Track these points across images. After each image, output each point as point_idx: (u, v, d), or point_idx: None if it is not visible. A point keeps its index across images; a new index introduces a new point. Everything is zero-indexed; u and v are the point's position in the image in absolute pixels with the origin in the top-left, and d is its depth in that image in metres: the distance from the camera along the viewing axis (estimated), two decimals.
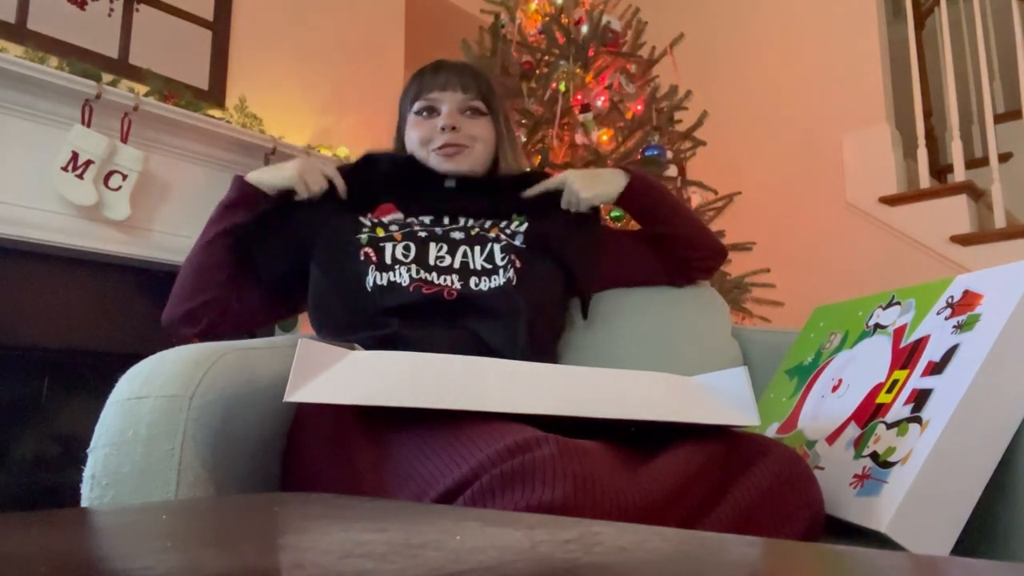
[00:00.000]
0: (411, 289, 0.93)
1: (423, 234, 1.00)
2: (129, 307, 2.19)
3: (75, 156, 1.95)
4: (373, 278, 0.94)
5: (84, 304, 2.10)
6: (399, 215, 1.04)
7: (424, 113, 1.07)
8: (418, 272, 0.95)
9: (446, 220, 1.04)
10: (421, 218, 1.03)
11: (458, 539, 0.32)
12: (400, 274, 0.94)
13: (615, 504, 0.58)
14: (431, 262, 0.97)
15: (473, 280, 0.96)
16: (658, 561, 0.29)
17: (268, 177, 1.04)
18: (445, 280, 0.95)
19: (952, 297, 0.80)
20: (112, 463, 0.71)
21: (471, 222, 1.04)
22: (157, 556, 0.30)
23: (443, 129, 1.05)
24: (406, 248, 0.97)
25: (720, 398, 0.72)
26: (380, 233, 0.99)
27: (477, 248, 1.00)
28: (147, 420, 0.72)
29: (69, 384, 2.05)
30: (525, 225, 1.05)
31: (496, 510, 0.54)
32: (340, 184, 1.05)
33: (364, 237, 0.98)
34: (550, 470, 0.56)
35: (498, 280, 0.97)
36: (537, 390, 0.67)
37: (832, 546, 0.34)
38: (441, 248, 0.99)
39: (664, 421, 0.69)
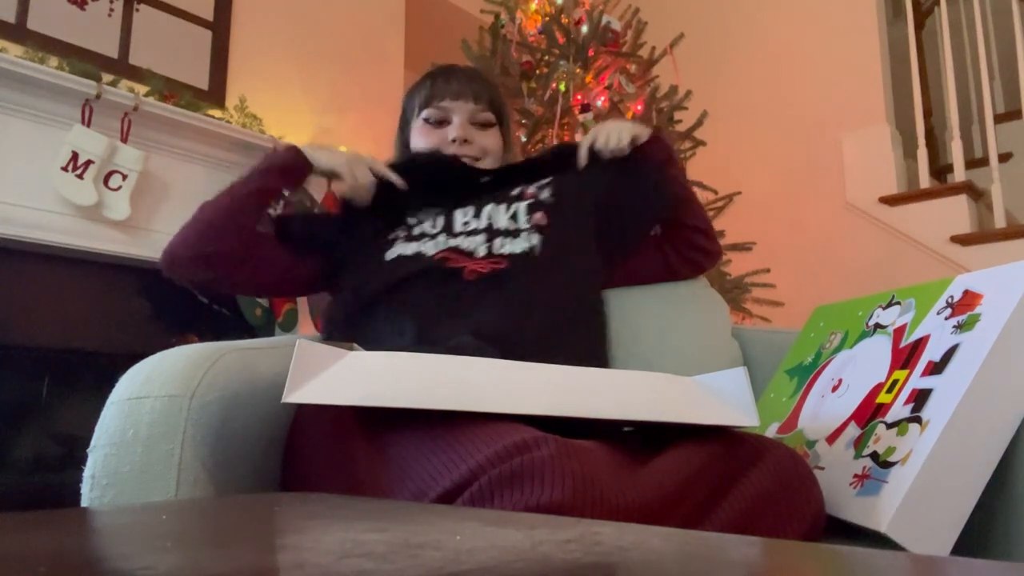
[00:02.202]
0: (436, 258, 0.92)
1: (451, 203, 1.01)
2: (129, 307, 2.19)
3: (75, 156, 1.95)
4: (398, 251, 0.94)
5: (84, 304, 2.10)
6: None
7: (433, 122, 1.05)
8: (446, 240, 0.95)
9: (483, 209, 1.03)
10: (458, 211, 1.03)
11: (458, 539, 0.32)
12: (426, 245, 0.94)
13: (615, 504, 0.58)
14: (457, 229, 0.97)
15: (498, 242, 0.95)
16: (658, 561, 0.29)
17: (320, 155, 1.01)
18: (471, 244, 0.94)
19: (952, 297, 0.80)
20: (112, 463, 0.71)
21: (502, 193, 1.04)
22: (157, 556, 0.30)
23: (453, 141, 1.04)
24: (434, 223, 0.98)
25: (719, 399, 0.72)
26: (412, 221, 1.01)
27: (503, 206, 1.00)
28: (147, 420, 0.72)
29: (69, 384, 2.05)
30: (551, 186, 1.04)
31: (496, 510, 0.54)
32: (396, 179, 1.02)
33: (402, 232, 0.99)
34: (549, 470, 0.56)
35: (521, 245, 0.95)
36: (535, 390, 0.67)
37: (832, 546, 0.34)
38: (467, 213, 0.99)
39: (663, 422, 0.69)
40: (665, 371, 0.75)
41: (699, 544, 0.32)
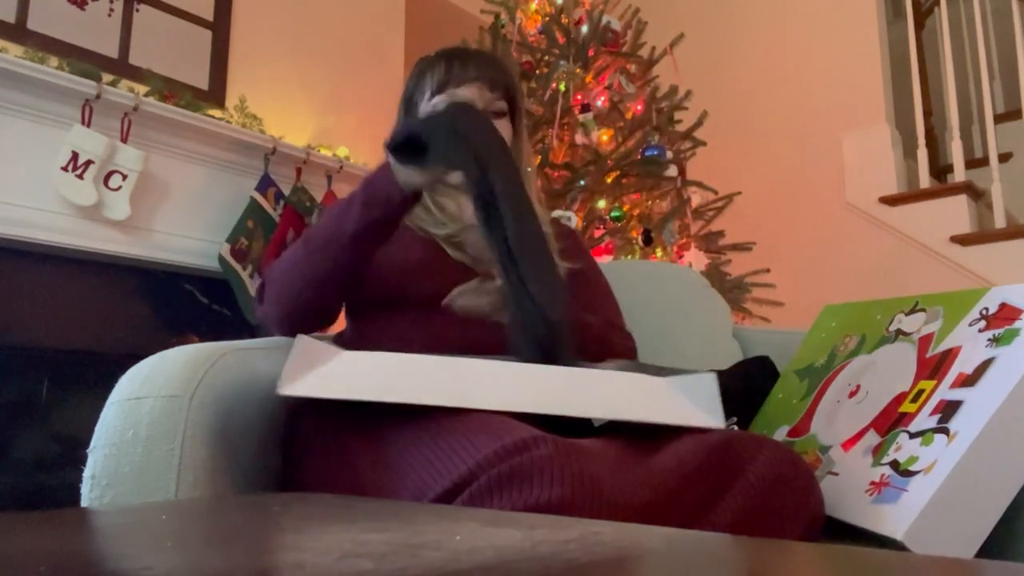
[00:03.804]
0: None
1: None
2: (129, 307, 2.19)
3: (75, 156, 1.95)
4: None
5: (84, 304, 2.10)
6: None
7: None
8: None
9: None
10: None
11: (458, 539, 0.32)
12: None
13: (614, 504, 0.58)
14: None
15: None
16: (658, 561, 0.29)
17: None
18: None
19: (987, 309, 0.78)
20: (112, 463, 0.71)
21: None
22: (157, 556, 0.30)
23: None
24: None
25: (689, 401, 0.75)
26: None
27: None
28: (147, 420, 0.72)
29: (69, 384, 2.05)
30: None
31: (495, 510, 0.54)
32: None
33: None
34: (548, 470, 0.56)
35: None
36: (514, 388, 0.69)
37: (831, 545, 0.34)
38: None
39: (629, 420, 0.71)
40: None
41: (698, 544, 0.32)
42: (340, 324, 1.03)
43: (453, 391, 0.66)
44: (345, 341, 0.94)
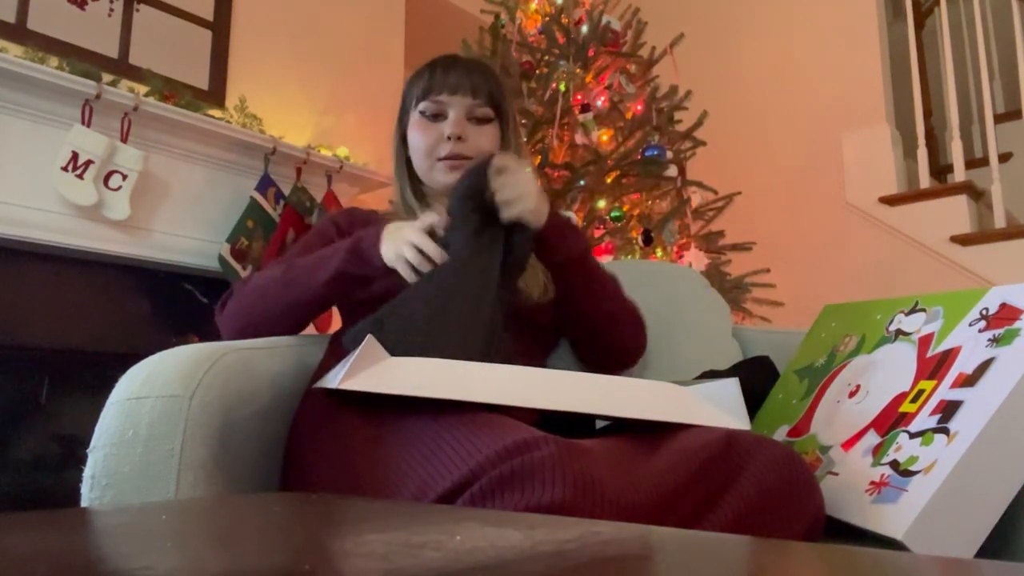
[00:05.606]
0: None
1: None
2: (129, 307, 2.19)
3: (75, 156, 1.95)
4: None
5: (84, 304, 2.10)
6: None
7: (429, 115, 1.01)
8: None
9: None
10: None
11: (458, 539, 0.32)
12: None
13: (615, 504, 0.58)
14: None
15: None
16: (658, 561, 0.29)
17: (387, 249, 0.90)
18: None
19: (987, 309, 0.78)
20: (112, 463, 0.71)
21: None
22: (157, 556, 0.30)
23: (448, 138, 0.99)
24: None
25: (714, 405, 0.77)
26: None
27: None
28: (147, 420, 0.72)
29: (69, 384, 2.05)
30: None
31: (496, 510, 0.54)
32: (431, 249, 0.85)
33: None
34: (549, 471, 0.56)
35: None
36: (557, 390, 0.72)
37: (831, 545, 0.34)
38: None
39: (667, 421, 0.73)
40: (665, 371, 0.77)
41: (699, 544, 0.32)
42: (337, 323, 1.03)
43: (491, 389, 0.69)
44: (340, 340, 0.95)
